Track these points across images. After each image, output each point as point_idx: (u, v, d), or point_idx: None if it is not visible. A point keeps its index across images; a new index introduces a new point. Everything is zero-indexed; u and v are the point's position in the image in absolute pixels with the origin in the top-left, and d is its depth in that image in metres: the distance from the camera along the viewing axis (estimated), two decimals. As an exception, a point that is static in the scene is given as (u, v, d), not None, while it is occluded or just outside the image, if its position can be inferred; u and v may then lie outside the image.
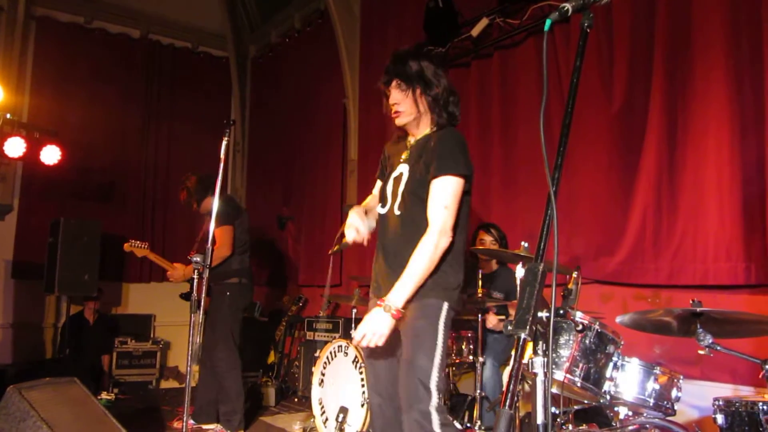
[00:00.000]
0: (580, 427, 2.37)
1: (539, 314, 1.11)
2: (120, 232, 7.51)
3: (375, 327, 2.22)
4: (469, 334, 4.12)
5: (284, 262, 7.51)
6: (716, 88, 3.48)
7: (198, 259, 2.42)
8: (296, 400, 5.87)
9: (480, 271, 3.90)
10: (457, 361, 4.08)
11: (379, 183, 2.70)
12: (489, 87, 4.92)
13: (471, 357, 4.06)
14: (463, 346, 4.10)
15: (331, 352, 4.31)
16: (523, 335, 1.07)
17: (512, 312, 4.39)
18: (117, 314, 7.55)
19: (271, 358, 6.58)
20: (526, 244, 3.15)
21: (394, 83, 2.44)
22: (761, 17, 3.30)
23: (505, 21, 4.63)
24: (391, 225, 2.46)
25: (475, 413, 3.87)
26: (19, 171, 6.99)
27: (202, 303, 2.39)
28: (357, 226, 2.45)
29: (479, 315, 3.89)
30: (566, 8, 1.39)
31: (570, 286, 2.54)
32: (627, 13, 3.92)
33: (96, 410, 3.48)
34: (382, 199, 2.53)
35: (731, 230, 3.38)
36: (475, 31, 4.71)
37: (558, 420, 2.64)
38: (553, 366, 2.48)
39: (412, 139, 2.52)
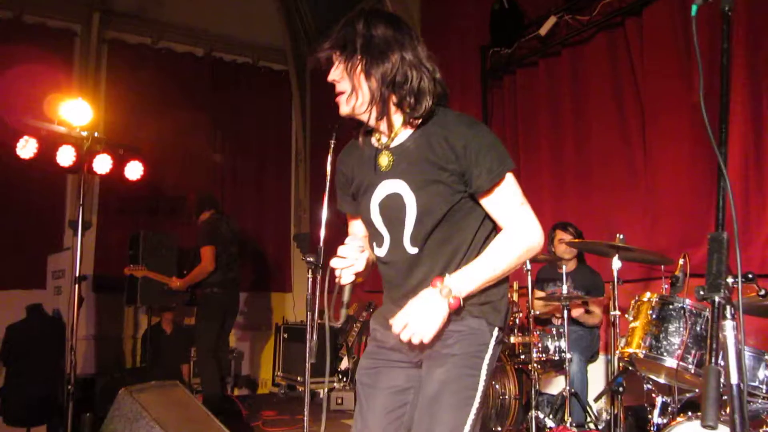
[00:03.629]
0: (700, 413, 2.36)
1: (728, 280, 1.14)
2: (192, 245, 7.79)
3: (425, 315, 1.57)
4: (553, 331, 4.13)
5: (351, 269, 7.62)
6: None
7: (312, 259, 2.53)
8: (373, 403, 5.94)
9: (565, 269, 3.92)
10: (543, 359, 4.09)
11: (354, 221, 1.92)
12: (559, 85, 4.93)
13: (558, 355, 4.06)
14: (549, 343, 4.10)
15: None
16: (717, 298, 1.10)
17: (594, 308, 4.38)
18: (191, 325, 7.77)
19: (345, 363, 6.67)
20: (622, 236, 3.16)
21: (334, 55, 1.71)
22: None
23: (573, 18, 4.65)
24: (404, 269, 1.73)
25: (566, 411, 3.88)
26: (97, 189, 7.29)
27: (317, 303, 2.48)
28: (339, 255, 1.71)
29: (565, 312, 3.90)
30: (708, -7, 1.44)
31: (677, 273, 2.55)
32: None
33: (200, 412, 3.62)
34: (374, 236, 1.79)
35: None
36: (543, 30, 4.74)
37: (670, 409, 2.64)
38: (665, 353, 2.49)
39: (383, 138, 1.76)
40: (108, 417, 3.53)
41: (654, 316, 2.57)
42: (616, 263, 3.14)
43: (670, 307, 2.56)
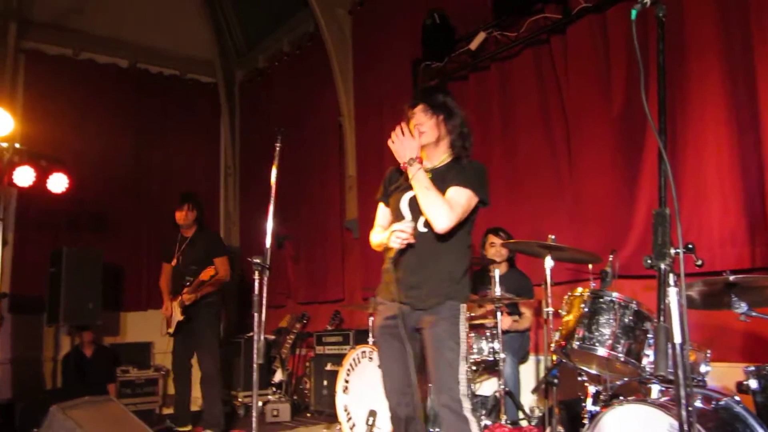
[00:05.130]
0: (630, 398, 2.52)
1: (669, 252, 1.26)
2: (116, 261, 7.54)
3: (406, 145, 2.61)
4: (488, 333, 4.26)
5: (283, 281, 7.58)
6: (712, 85, 3.72)
7: (258, 260, 2.55)
8: (309, 415, 5.93)
9: (497, 273, 4.07)
10: (479, 360, 4.20)
11: (382, 206, 2.89)
12: (488, 99, 5.14)
13: (492, 356, 4.19)
14: (483, 345, 4.23)
15: (354, 359, 4.42)
16: (663, 266, 1.22)
17: (524, 310, 4.57)
18: (116, 343, 7.50)
19: (278, 376, 6.61)
20: (554, 237, 3.34)
21: (420, 107, 2.71)
22: (749, 20, 3.57)
23: (502, 34, 4.86)
24: (416, 241, 2.61)
25: (501, 409, 4.01)
26: (14, 204, 6.96)
27: (264, 304, 2.49)
28: (400, 229, 2.56)
29: (497, 314, 4.05)
30: (646, 1, 1.58)
31: (606, 268, 2.72)
32: (622, 20, 4.17)
33: (137, 426, 3.53)
34: (398, 218, 2.69)
35: (735, 217, 3.60)
36: (474, 45, 4.94)
37: (602, 396, 2.80)
38: (597, 343, 2.65)
39: (427, 164, 2.72)
40: (38, 436, 3.38)
41: (586, 310, 2.74)
42: (549, 262, 3.31)
43: (601, 300, 2.73)
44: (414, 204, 2.65)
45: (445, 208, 2.52)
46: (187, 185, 8.18)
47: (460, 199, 2.58)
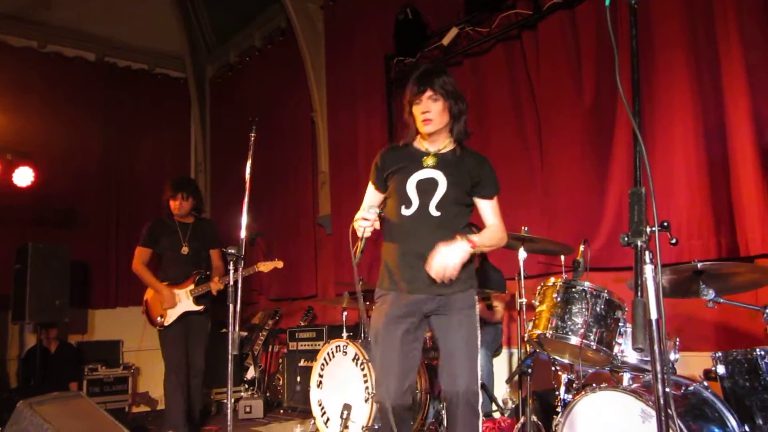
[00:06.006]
0: (602, 385, 2.57)
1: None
2: (84, 257, 7.40)
3: (453, 255, 2.47)
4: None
5: (254, 278, 7.52)
6: (678, 77, 3.79)
7: (233, 250, 2.52)
8: (282, 411, 5.90)
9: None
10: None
11: (372, 188, 2.83)
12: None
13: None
14: (457, 338, 4.26)
15: (328, 354, 4.41)
16: (639, 243, 1.23)
17: (496, 304, 4.61)
18: (84, 341, 7.36)
19: (251, 373, 6.57)
20: (527, 228, 3.37)
21: (428, 93, 2.62)
22: (714, 14, 3.65)
23: (474, 29, 4.90)
24: (425, 224, 2.62)
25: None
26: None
27: (239, 295, 2.47)
28: (362, 217, 2.56)
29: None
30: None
31: (578, 258, 2.76)
32: (592, 15, 4.23)
33: (107, 421, 3.47)
34: (404, 201, 2.66)
35: (702, 209, 3.68)
36: (446, 40, 4.96)
37: (575, 385, 2.84)
38: (569, 332, 2.69)
39: (431, 148, 2.70)
40: (4, 433, 3.31)
41: (559, 299, 2.77)
42: (522, 254, 3.34)
43: (573, 290, 2.77)
44: (422, 186, 2.64)
45: (500, 234, 2.70)
46: (155, 181, 8.10)
47: (498, 209, 2.77)
